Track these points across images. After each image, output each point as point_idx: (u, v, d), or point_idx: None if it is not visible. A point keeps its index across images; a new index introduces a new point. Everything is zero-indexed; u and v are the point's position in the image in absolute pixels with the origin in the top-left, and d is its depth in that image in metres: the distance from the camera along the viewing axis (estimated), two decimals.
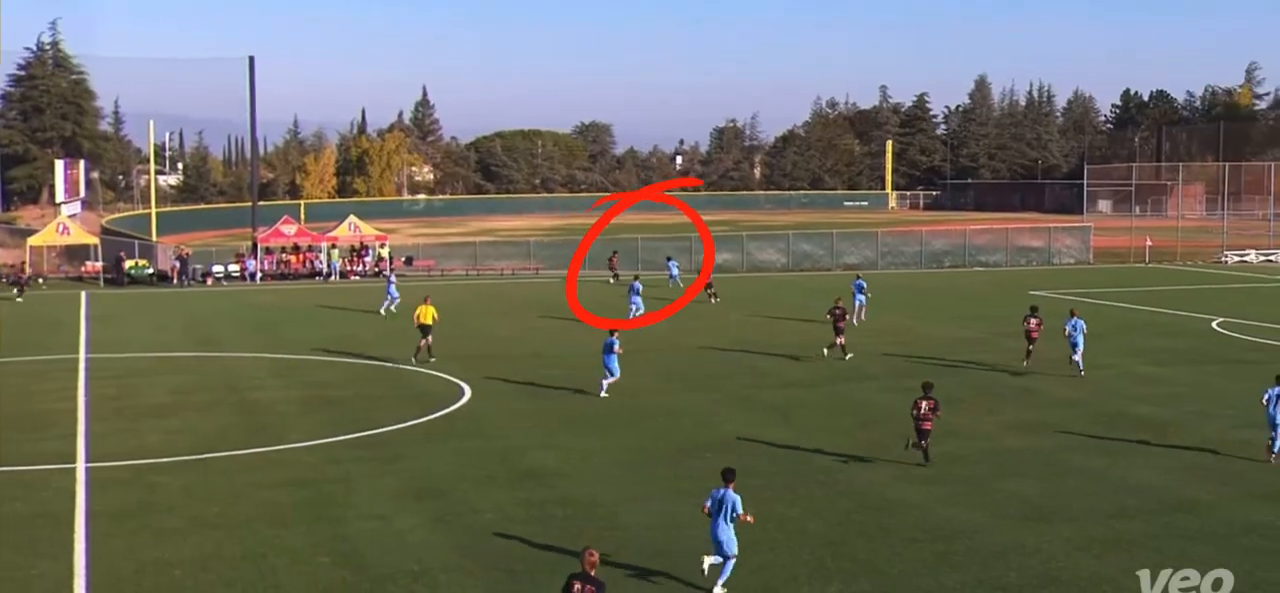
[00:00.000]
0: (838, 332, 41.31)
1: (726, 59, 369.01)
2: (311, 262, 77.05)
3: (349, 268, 77.23)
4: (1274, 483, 24.81)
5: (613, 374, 34.62)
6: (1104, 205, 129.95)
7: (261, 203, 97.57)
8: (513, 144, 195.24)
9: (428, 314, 40.72)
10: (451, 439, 29.32)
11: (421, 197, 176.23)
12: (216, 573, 19.48)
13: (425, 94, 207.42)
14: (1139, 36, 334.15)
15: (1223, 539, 21.00)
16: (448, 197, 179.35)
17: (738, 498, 18.73)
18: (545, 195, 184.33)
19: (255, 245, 77.61)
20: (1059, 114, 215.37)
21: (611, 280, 69.97)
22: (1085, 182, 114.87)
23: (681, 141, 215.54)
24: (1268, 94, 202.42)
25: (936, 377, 37.32)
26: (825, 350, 41.35)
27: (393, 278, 61.56)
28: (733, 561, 18.65)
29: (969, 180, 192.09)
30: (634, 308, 51.45)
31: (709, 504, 18.90)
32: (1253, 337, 46.49)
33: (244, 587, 18.96)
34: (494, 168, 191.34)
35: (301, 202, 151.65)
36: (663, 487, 24.72)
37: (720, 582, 18.62)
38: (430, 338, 40.58)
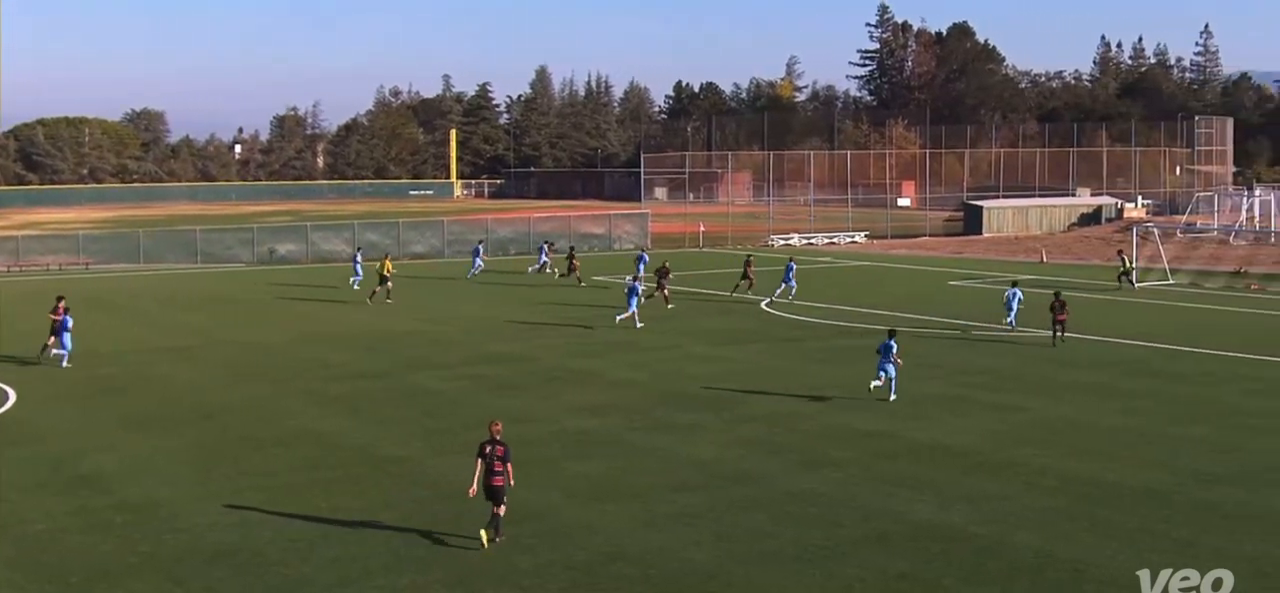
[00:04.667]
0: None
1: (286, 44, 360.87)
2: None
3: None
4: (817, 452, 26.43)
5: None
6: (660, 192, 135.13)
7: None
8: (57, 132, 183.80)
9: None
10: None
11: None
12: None
13: None
14: (689, 30, 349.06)
15: (774, 506, 22.20)
16: None
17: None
18: (95, 186, 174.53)
19: None
20: (616, 104, 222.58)
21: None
22: (642, 169, 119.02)
23: (241, 130, 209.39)
24: (806, 87, 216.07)
25: (503, 365, 37.97)
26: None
27: None
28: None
29: (532, 169, 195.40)
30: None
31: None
32: (796, 315, 49.38)
33: None
34: (36, 157, 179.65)
35: None
36: (227, 485, 23.91)
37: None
38: None
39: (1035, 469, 24.75)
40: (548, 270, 66.10)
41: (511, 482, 20.18)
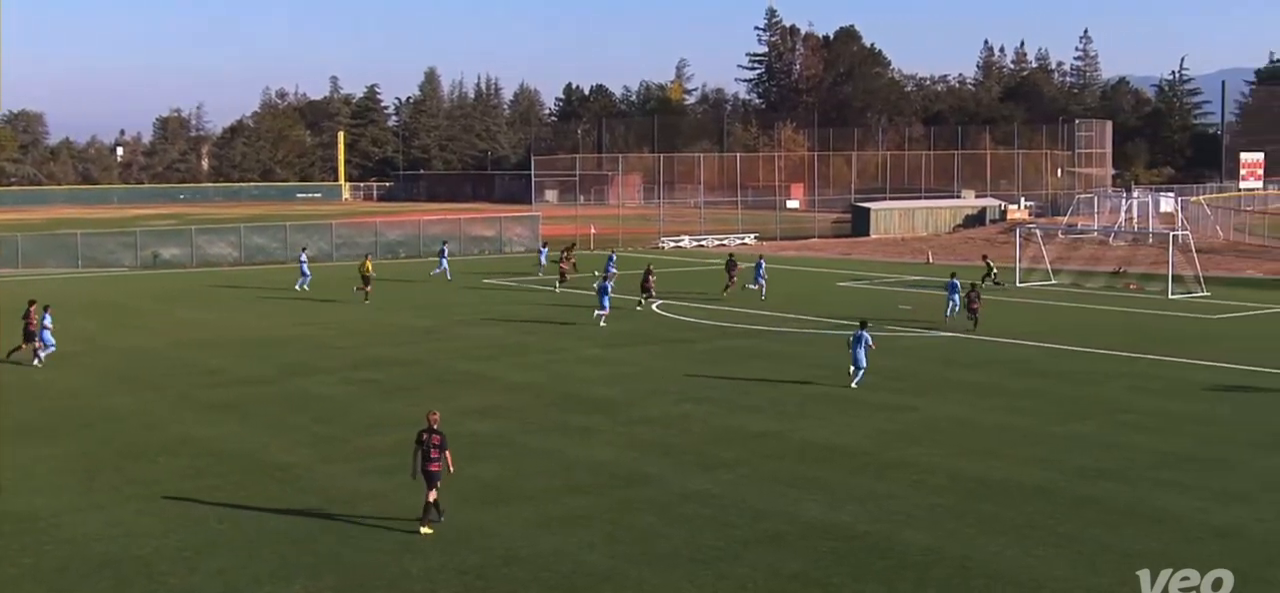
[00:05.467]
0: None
1: (169, 44, 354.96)
2: None
3: None
4: (709, 454, 26.53)
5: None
6: (551, 195, 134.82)
7: None
8: None
9: None
10: None
11: None
12: None
13: None
14: (579, 33, 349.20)
15: (668, 508, 22.25)
16: None
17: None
18: None
19: None
20: (506, 106, 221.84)
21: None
22: (533, 172, 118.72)
23: (123, 131, 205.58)
24: (696, 90, 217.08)
25: (393, 368, 37.63)
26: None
27: None
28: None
29: (421, 171, 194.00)
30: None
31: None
32: (687, 317, 49.56)
33: None
34: None
35: None
36: (111, 494, 23.41)
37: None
38: None
39: (924, 468, 25.07)
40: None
41: (452, 468, 21.34)
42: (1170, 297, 55.92)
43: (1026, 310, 51.61)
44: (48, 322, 38.91)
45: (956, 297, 46.81)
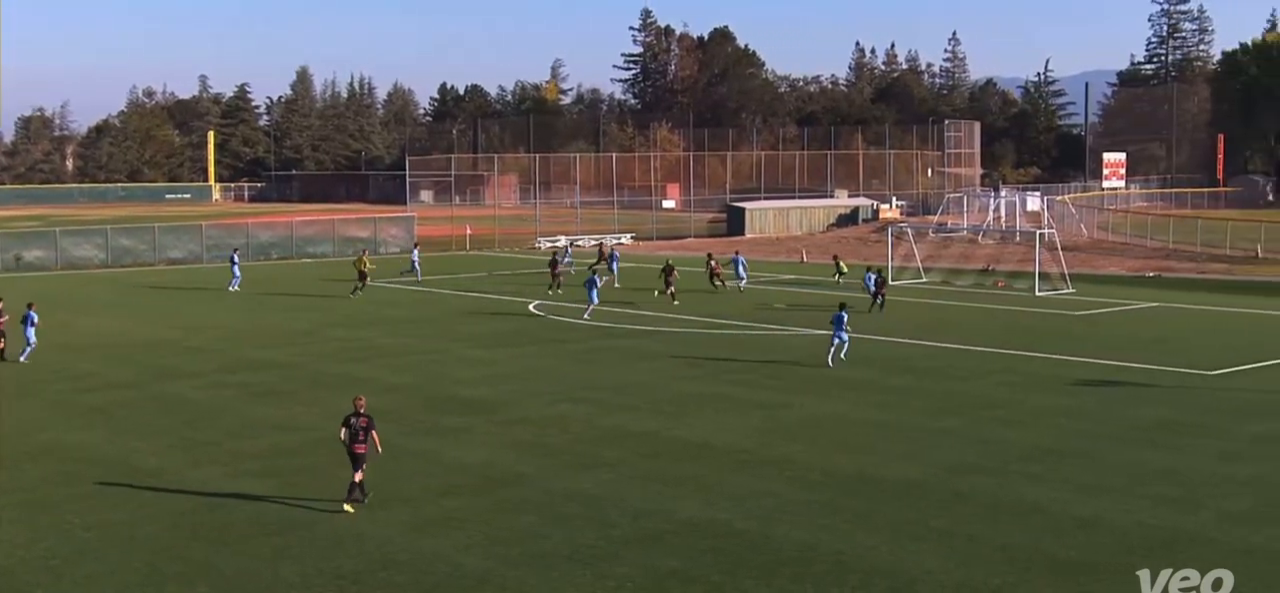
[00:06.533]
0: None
1: (30, 41, 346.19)
2: None
3: None
4: (587, 453, 26.53)
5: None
6: (426, 195, 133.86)
7: None
8: None
9: None
10: None
11: None
12: None
13: None
14: (453, 32, 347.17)
15: (546, 508, 22.23)
16: None
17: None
18: None
19: None
20: (380, 106, 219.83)
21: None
22: (408, 172, 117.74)
23: None
24: (571, 90, 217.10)
25: (266, 371, 37.13)
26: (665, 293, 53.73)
27: None
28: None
29: (294, 171, 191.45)
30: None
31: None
32: (561, 318, 49.54)
33: None
34: None
35: None
36: None
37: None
38: None
39: (800, 465, 25.34)
40: (572, 269, 65.34)
41: (379, 449, 22.33)
42: (1037, 294, 57.19)
43: (899, 308, 52.38)
44: (34, 319, 39.54)
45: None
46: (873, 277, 52.13)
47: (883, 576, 18.68)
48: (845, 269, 62.57)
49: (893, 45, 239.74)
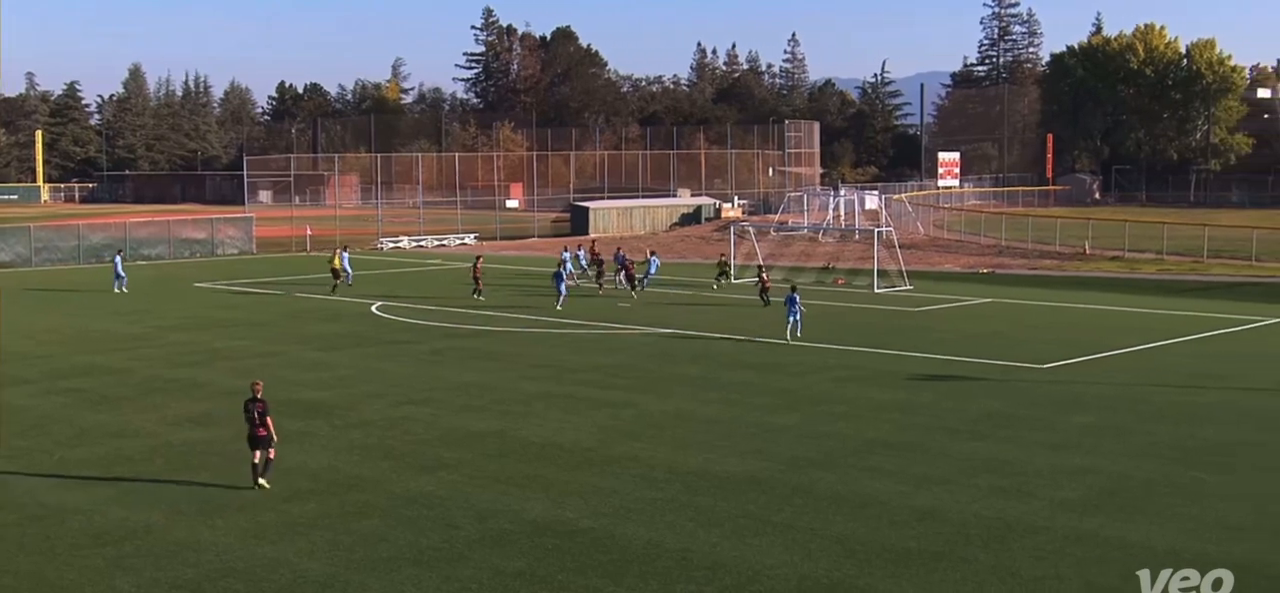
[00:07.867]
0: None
1: None
2: None
3: None
4: (431, 455, 26.36)
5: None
6: (265, 195, 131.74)
7: None
8: None
9: None
10: None
11: None
12: None
13: None
14: (291, 30, 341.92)
15: (390, 511, 22.03)
16: None
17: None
18: None
19: None
20: (217, 105, 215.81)
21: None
22: (246, 172, 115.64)
23: None
24: (413, 89, 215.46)
25: (99, 377, 36.16)
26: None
27: None
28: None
29: (127, 172, 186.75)
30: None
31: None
32: (406, 319, 49.16)
33: None
34: None
35: None
36: None
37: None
38: None
39: (644, 462, 25.49)
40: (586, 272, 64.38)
41: (275, 436, 23.43)
42: (876, 291, 58.33)
43: (740, 306, 52.97)
44: None
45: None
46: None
47: (727, 570, 18.89)
48: (728, 265, 62.69)
49: (734, 46, 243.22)
